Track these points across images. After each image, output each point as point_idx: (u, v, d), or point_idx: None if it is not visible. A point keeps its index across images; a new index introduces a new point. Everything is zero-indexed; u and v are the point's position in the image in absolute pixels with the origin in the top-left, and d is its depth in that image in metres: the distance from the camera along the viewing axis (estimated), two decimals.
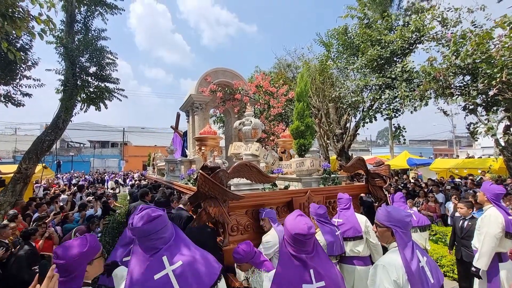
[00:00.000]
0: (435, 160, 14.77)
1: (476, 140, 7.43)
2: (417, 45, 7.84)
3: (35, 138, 6.12)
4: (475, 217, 3.63)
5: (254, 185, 3.93)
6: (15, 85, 6.23)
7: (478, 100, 6.04)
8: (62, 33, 6.39)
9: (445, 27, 6.95)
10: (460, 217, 3.84)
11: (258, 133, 5.27)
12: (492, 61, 5.47)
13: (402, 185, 9.78)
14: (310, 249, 1.70)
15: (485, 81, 5.54)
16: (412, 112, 6.94)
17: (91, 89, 6.81)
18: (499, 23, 5.45)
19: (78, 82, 6.41)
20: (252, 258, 2.30)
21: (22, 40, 5.87)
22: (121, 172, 26.69)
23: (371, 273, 1.77)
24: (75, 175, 21.59)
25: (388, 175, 4.21)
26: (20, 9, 3.28)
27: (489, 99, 5.94)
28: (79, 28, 6.70)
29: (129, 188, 12.25)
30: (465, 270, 3.55)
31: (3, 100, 6.14)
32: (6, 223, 3.87)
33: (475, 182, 8.39)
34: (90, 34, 6.71)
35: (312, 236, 1.70)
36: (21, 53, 5.44)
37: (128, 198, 9.47)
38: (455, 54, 6.09)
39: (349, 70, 9.22)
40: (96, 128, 35.76)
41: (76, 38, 6.54)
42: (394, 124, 8.27)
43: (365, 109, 8.69)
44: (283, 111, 9.42)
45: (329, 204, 4.03)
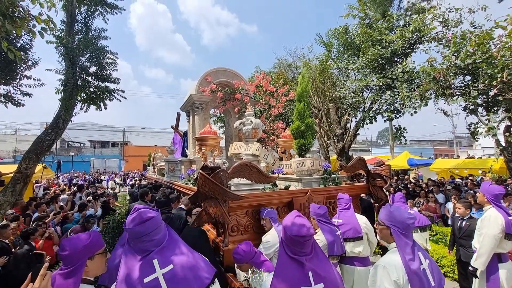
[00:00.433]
0: (436, 161, 14.76)
1: (477, 141, 7.42)
2: (418, 46, 7.84)
3: (35, 138, 6.11)
4: (474, 217, 3.64)
5: (255, 185, 3.93)
6: (15, 85, 6.22)
7: (479, 101, 6.04)
8: (63, 33, 6.38)
9: (446, 27, 6.95)
10: (459, 217, 3.84)
11: (259, 133, 5.27)
12: (493, 61, 5.46)
13: (402, 186, 9.78)
14: (309, 251, 1.67)
15: (486, 81, 5.53)
16: (413, 114, 6.94)
17: (91, 89, 6.81)
18: (510, 21, 5.31)
19: (78, 82, 6.41)
20: (252, 258, 2.27)
21: (22, 40, 5.87)
22: (121, 172, 26.70)
23: (371, 273, 1.77)
24: (75, 175, 21.59)
25: (389, 176, 4.20)
26: (21, 9, 3.27)
27: (490, 100, 5.94)
28: (80, 28, 6.69)
29: (129, 188, 12.25)
30: (465, 270, 3.55)
31: (3, 100, 6.14)
32: (7, 223, 3.86)
33: (475, 183, 8.39)
34: (91, 34, 6.70)
35: (311, 238, 1.67)
36: (21, 53, 5.43)
37: (128, 198, 9.47)
38: (455, 55, 6.08)
39: (350, 70, 9.21)
40: (96, 128, 35.76)
41: (77, 38, 6.53)
42: (395, 125, 8.27)
43: (366, 110, 8.69)
44: (284, 111, 9.41)
45: (330, 204, 4.02)
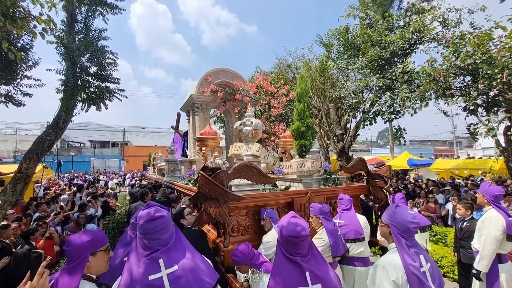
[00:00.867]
0: (436, 161, 14.77)
1: (477, 141, 7.41)
2: (418, 46, 7.84)
3: (36, 138, 6.12)
4: (474, 218, 3.63)
5: (255, 186, 3.92)
6: (16, 85, 6.22)
7: (479, 101, 6.04)
8: (63, 33, 6.38)
9: (446, 28, 6.95)
10: (460, 218, 3.85)
11: (259, 134, 5.26)
12: (493, 62, 5.47)
13: (402, 186, 9.78)
14: (305, 252, 1.64)
15: (486, 82, 5.53)
16: (413, 115, 6.95)
17: (92, 89, 6.81)
18: None
19: (79, 82, 6.41)
20: (251, 260, 2.24)
21: (23, 40, 5.87)
22: (122, 172, 26.70)
23: (371, 273, 1.78)
24: (75, 175, 21.57)
25: (389, 176, 4.20)
26: (21, 9, 3.27)
27: (490, 100, 5.94)
28: (80, 28, 6.69)
29: (129, 188, 12.25)
30: (465, 271, 3.55)
31: (4, 100, 6.14)
32: (7, 224, 3.86)
33: (475, 183, 8.39)
34: (91, 34, 6.70)
35: (306, 238, 1.63)
36: (22, 53, 5.43)
37: (128, 198, 9.47)
38: (455, 55, 6.09)
39: (350, 71, 9.21)
40: (97, 128, 35.72)
41: (77, 38, 6.53)
42: (395, 126, 8.28)
43: (365, 110, 8.69)
44: (284, 112, 9.41)
45: (330, 205, 4.01)
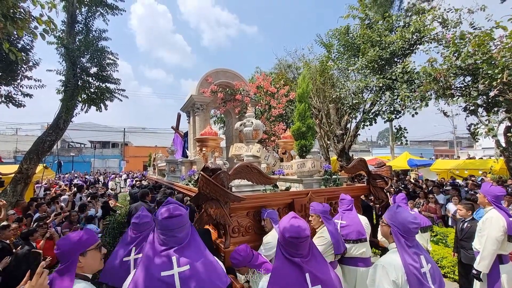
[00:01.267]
0: (436, 161, 14.76)
1: (477, 141, 7.41)
2: (418, 46, 7.84)
3: (36, 139, 6.13)
4: (475, 219, 3.62)
5: (256, 187, 3.92)
6: (16, 86, 6.24)
7: (479, 101, 6.04)
8: (63, 34, 6.40)
9: (446, 28, 6.95)
10: (461, 219, 3.84)
11: (259, 134, 5.26)
12: (493, 62, 5.47)
13: (403, 186, 9.77)
14: (305, 253, 1.62)
15: (486, 82, 5.53)
16: (414, 116, 6.94)
17: (92, 90, 6.83)
18: None
19: (79, 83, 6.42)
20: (250, 261, 2.24)
21: (23, 41, 5.89)
22: (122, 172, 26.68)
23: (371, 273, 1.78)
24: (76, 176, 21.57)
25: (390, 177, 4.20)
26: (22, 10, 3.28)
27: (490, 100, 5.93)
28: (80, 29, 6.71)
29: (130, 189, 12.25)
30: (466, 272, 3.55)
31: (5, 101, 6.15)
32: (8, 224, 3.86)
33: (476, 183, 8.38)
34: (91, 35, 6.72)
35: (306, 239, 1.61)
36: (22, 54, 5.44)
37: (129, 199, 9.47)
38: (456, 55, 6.09)
39: (350, 71, 9.21)
40: (97, 129, 35.72)
41: (77, 39, 6.54)
42: (395, 126, 8.27)
43: (366, 111, 8.68)
44: (284, 112, 9.40)
45: (331, 206, 4.01)
